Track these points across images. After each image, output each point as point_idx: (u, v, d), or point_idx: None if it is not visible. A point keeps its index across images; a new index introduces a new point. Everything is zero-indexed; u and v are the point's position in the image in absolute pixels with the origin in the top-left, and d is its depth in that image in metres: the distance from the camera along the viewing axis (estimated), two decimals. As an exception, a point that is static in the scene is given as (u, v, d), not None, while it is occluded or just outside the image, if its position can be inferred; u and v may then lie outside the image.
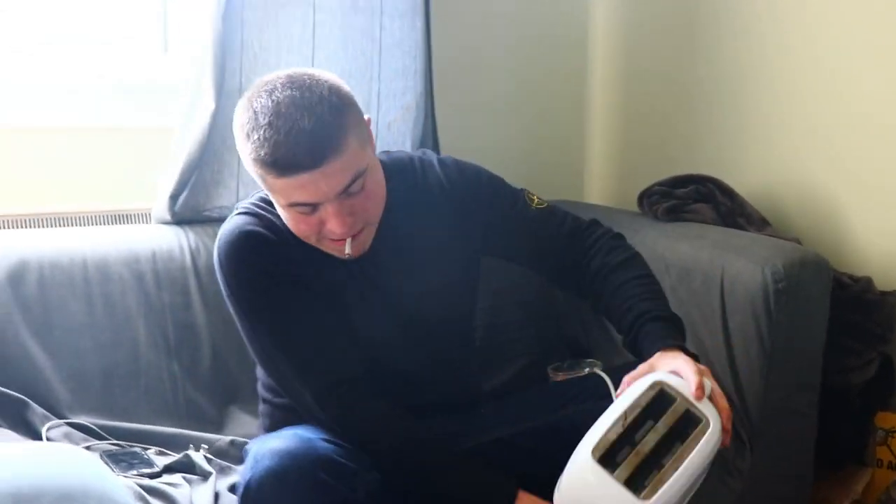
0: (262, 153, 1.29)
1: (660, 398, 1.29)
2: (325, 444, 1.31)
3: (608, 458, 1.25)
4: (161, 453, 1.68)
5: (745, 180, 2.21)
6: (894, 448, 2.00)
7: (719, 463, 1.78)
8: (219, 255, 1.44)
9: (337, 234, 1.36)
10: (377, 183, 1.41)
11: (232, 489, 1.53)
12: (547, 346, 2.13)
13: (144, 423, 1.72)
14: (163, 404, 1.76)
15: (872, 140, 2.07)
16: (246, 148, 1.33)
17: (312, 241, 1.40)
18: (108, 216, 2.03)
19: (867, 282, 2.00)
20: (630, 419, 1.27)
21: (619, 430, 1.26)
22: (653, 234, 2.03)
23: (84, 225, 1.98)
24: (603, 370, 1.50)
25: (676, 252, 1.94)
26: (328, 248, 1.41)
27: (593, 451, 1.26)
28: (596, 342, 2.11)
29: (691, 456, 1.26)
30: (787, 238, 2.01)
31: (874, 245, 2.09)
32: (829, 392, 1.94)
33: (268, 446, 1.29)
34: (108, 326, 1.76)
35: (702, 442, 1.27)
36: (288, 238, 1.42)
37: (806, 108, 2.18)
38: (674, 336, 1.42)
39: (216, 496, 1.52)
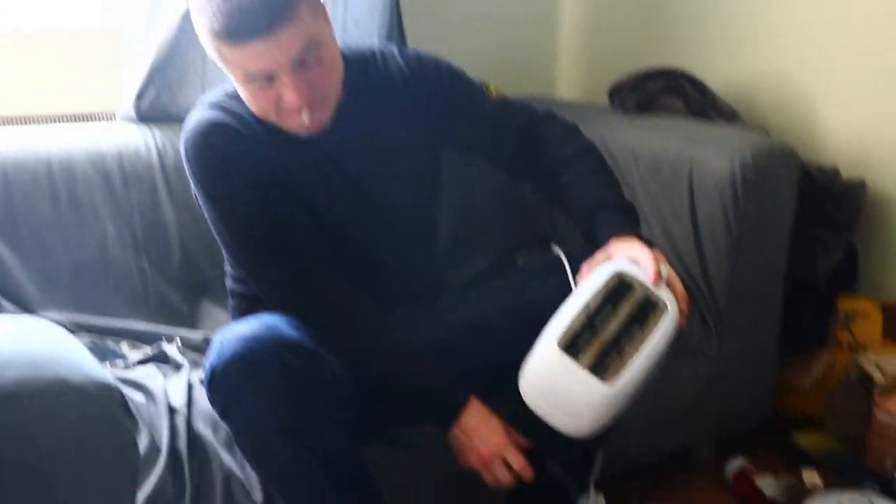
0: (216, 24, 1.29)
1: (619, 286, 1.32)
2: (290, 330, 1.32)
3: (572, 346, 1.28)
4: (134, 347, 1.69)
5: (715, 74, 2.22)
6: (854, 330, 2.06)
7: (686, 348, 1.83)
8: (185, 145, 1.43)
9: (294, 104, 1.35)
10: (333, 59, 1.41)
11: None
12: (517, 239, 2.14)
13: (116, 319, 1.72)
14: (133, 300, 1.77)
15: (840, 32, 2.07)
16: (202, 24, 1.32)
17: (272, 117, 1.40)
18: (72, 118, 2.00)
19: (834, 172, 2.02)
20: (592, 309, 1.30)
21: (583, 319, 1.29)
22: (623, 128, 2.03)
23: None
24: (564, 252, 1.51)
25: (646, 144, 1.95)
26: (288, 124, 1.41)
27: (558, 342, 1.29)
28: (566, 234, 2.12)
29: (651, 339, 1.30)
30: (756, 130, 2.02)
31: (841, 136, 2.11)
32: (795, 279, 1.99)
33: (233, 332, 1.30)
34: (75, 224, 1.75)
35: (661, 325, 1.31)
36: (252, 126, 1.42)
37: (776, 1, 2.17)
38: (629, 224, 1.45)
39: (189, 387, 1.53)
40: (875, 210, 2.08)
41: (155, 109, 1.91)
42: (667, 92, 2.11)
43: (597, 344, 1.28)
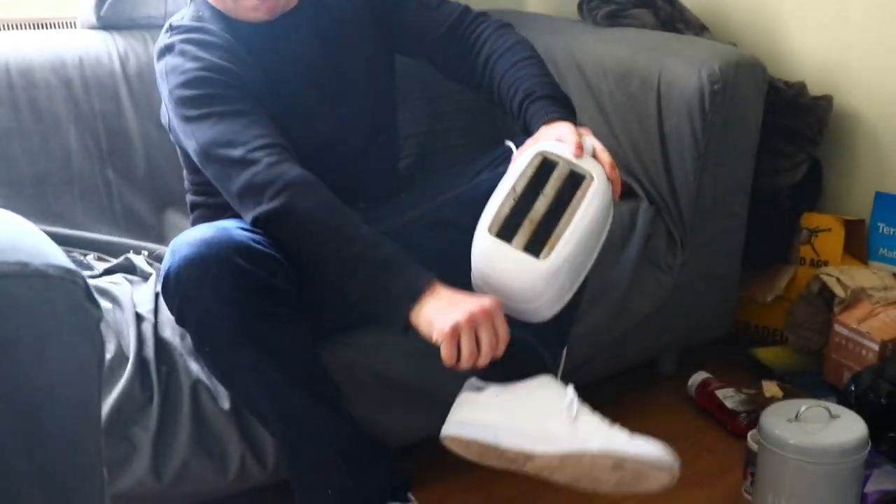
0: None
1: (544, 166, 1.32)
2: (243, 232, 1.32)
3: (504, 230, 1.29)
4: (100, 259, 1.68)
5: (684, -14, 2.20)
6: (817, 246, 2.08)
7: (652, 261, 1.85)
8: (158, 64, 1.47)
9: None
10: None
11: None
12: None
13: (82, 230, 1.71)
14: (99, 210, 1.75)
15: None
16: None
17: (229, 4, 1.45)
18: (32, 25, 1.95)
19: (800, 86, 2.03)
20: (519, 192, 1.30)
21: (511, 203, 1.29)
22: (591, 40, 2.02)
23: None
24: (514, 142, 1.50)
25: (614, 56, 1.94)
26: (243, 12, 1.46)
27: (489, 228, 1.29)
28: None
29: (580, 211, 1.29)
30: (725, 43, 2.01)
31: (809, 51, 2.11)
32: (760, 193, 2.00)
33: (186, 237, 1.31)
34: (36, 132, 1.72)
35: (588, 195, 1.30)
36: (221, 36, 1.46)
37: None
38: (559, 111, 1.44)
39: (156, 295, 1.52)
40: (840, 126, 2.09)
41: (117, 16, 1.87)
42: (636, 4, 2.09)
43: (528, 224, 1.29)
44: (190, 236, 1.30)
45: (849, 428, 1.47)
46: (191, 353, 1.45)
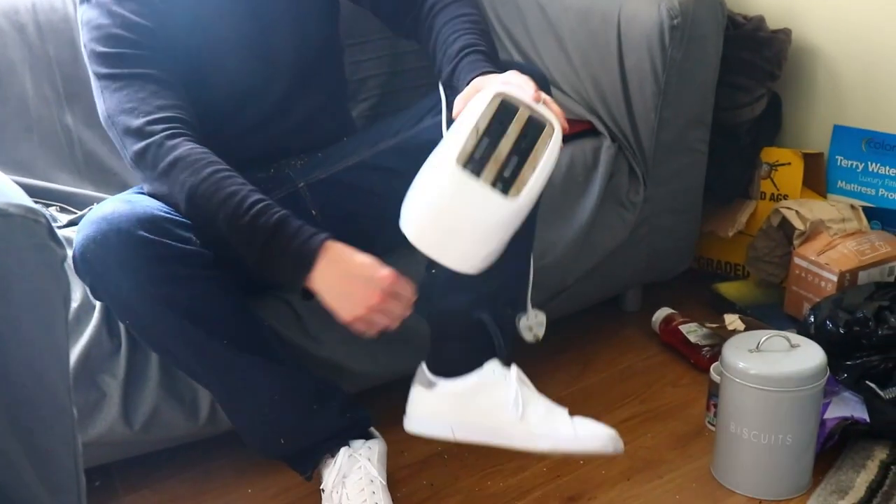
0: None
1: (503, 109, 1.28)
2: (148, 204, 1.31)
3: (470, 165, 1.25)
4: (63, 210, 1.66)
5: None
6: (776, 181, 2.11)
7: (615, 198, 1.86)
8: (77, 12, 1.44)
9: None
10: None
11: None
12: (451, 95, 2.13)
13: (43, 181, 1.69)
14: (60, 157, 1.72)
15: None
16: None
17: None
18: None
19: (759, 20, 2.03)
20: (481, 130, 1.26)
21: (475, 140, 1.25)
22: (552, -23, 2.00)
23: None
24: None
25: (575, -6, 1.93)
26: None
27: (457, 159, 1.24)
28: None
29: (545, 156, 1.28)
30: (684, -21, 2.01)
31: (768, -14, 2.12)
32: (720, 129, 2.02)
33: (91, 214, 1.30)
34: (-9, 80, 1.69)
35: (550, 143, 1.29)
36: None
37: None
38: (491, 67, 1.40)
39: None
40: (799, 59, 2.11)
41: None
42: (597, -58, 2.08)
43: (493, 163, 1.25)
44: (93, 213, 1.30)
45: (808, 356, 1.50)
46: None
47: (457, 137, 1.26)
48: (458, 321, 1.43)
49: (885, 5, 1.97)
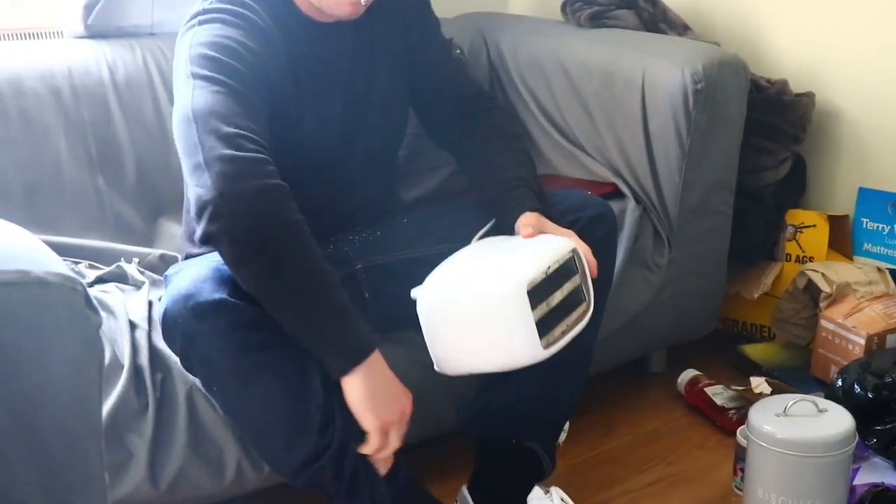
0: None
1: (569, 265, 1.33)
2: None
3: (530, 293, 1.25)
4: (92, 267, 1.69)
5: (667, -12, 2.22)
6: (802, 243, 2.11)
7: (640, 260, 1.87)
8: (187, 25, 1.39)
9: None
10: None
11: (163, 300, 1.55)
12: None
13: (73, 237, 1.72)
14: (90, 219, 1.75)
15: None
16: None
17: None
18: (18, 35, 1.96)
19: (783, 83, 2.05)
20: (550, 273, 1.28)
21: (542, 276, 1.27)
22: (576, 41, 2.03)
23: (-8, 44, 1.91)
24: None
25: (598, 57, 1.96)
26: (336, 6, 1.39)
27: (528, 283, 1.24)
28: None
29: (574, 329, 1.32)
30: (708, 43, 2.03)
31: (790, 48, 2.14)
32: (745, 191, 2.03)
33: (182, 278, 1.30)
34: (26, 142, 1.72)
35: (583, 321, 1.34)
36: (265, 19, 1.39)
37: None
38: (542, 203, 1.44)
39: (149, 304, 1.54)
40: (823, 122, 2.12)
41: (104, 25, 1.87)
42: (619, 5, 2.11)
43: (545, 306, 1.28)
44: (189, 275, 1.30)
45: (836, 421, 1.49)
46: (185, 360, 1.46)
47: (532, 262, 1.27)
48: (507, 446, 1.46)
49: (909, 69, 1.98)
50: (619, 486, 1.72)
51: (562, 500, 1.49)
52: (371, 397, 1.28)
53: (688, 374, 2.02)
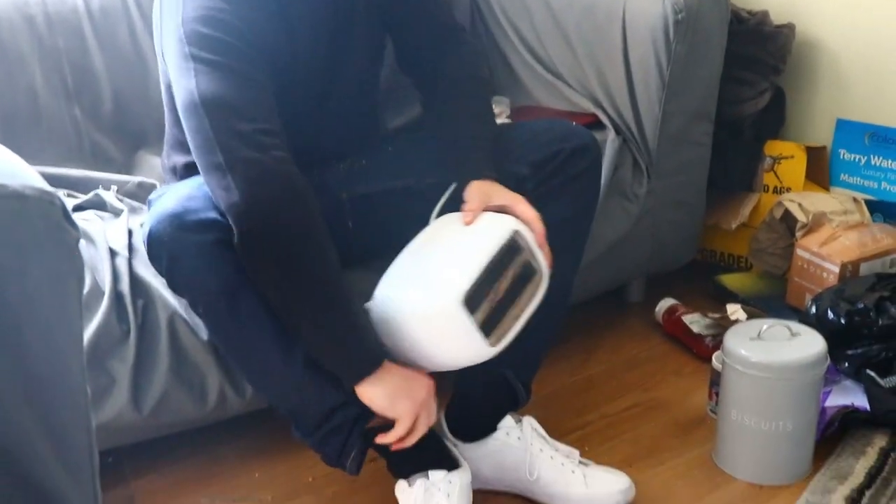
0: None
1: (512, 245, 1.32)
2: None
3: (470, 300, 1.26)
4: (70, 196, 1.68)
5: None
6: (780, 174, 2.12)
7: (619, 191, 1.88)
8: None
9: None
10: None
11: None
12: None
13: (53, 166, 1.71)
14: (67, 149, 1.75)
15: None
16: None
17: None
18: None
19: (763, 15, 2.05)
20: (489, 267, 1.28)
21: (480, 276, 1.27)
22: (557, -28, 2.02)
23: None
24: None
25: (580, -13, 1.94)
26: None
27: (463, 300, 1.25)
28: (503, 84, 2.13)
29: (529, 308, 1.33)
30: (688, -28, 2.02)
31: (772, -20, 2.13)
32: (724, 123, 2.03)
33: (168, 198, 1.31)
34: (1, 72, 1.70)
35: (538, 293, 1.34)
36: None
37: None
38: (491, 167, 1.44)
39: (129, 232, 1.54)
40: (802, 54, 2.12)
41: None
42: (601, -64, 2.09)
43: (488, 304, 1.29)
44: (167, 199, 1.30)
45: (808, 344, 1.52)
46: (167, 287, 1.47)
47: (468, 269, 1.28)
48: (482, 377, 1.48)
49: (889, 0, 1.98)
50: (597, 411, 1.75)
51: (533, 429, 1.51)
52: (390, 397, 1.32)
53: (665, 302, 2.05)
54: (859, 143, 2.08)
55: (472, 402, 1.53)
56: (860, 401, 1.64)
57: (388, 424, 1.36)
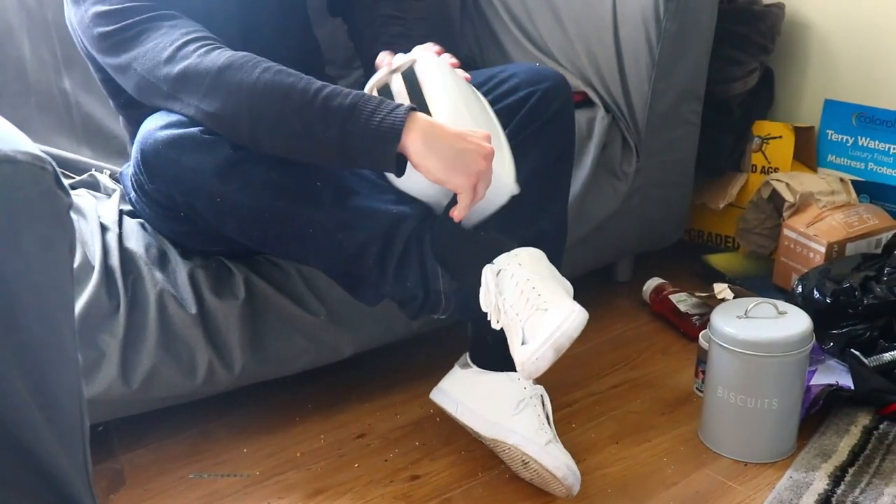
0: None
1: (385, 90, 1.38)
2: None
3: None
4: (65, 175, 1.68)
5: None
6: (768, 154, 2.13)
7: (608, 168, 1.89)
8: None
9: None
10: None
11: (132, 214, 1.55)
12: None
13: (42, 142, 1.70)
14: (57, 122, 1.73)
15: None
16: None
17: None
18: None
19: (754, -7, 2.05)
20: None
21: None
22: (548, -51, 2.02)
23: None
24: None
25: (571, -35, 1.94)
26: None
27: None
28: (493, 61, 2.13)
29: (428, 86, 1.35)
30: (680, -49, 2.02)
31: (762, -40, 2.13)
32: (713, 101, 2.04)
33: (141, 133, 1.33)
34: (-11, 43, 1.69)
35: (422, 71, 1.37)
36: None
37: None
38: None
39: (120, 214, 1.53)
40: (792, 34, 2.13)
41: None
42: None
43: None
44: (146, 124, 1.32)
45: (795, 322, 1.53)
46: (155, 263, 1.47)
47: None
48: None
49: (878, -20, 1.99)
50: (584, 389, 1.76)
51: (541, 396, 1.47)
52: (445, 161, 1.24)
53: (653, 282, 2.06)
54: (847, 123, 2.09)
55: (489, 339, 1.45)
56: (845, 380, 1.65)
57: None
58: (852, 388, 1.63)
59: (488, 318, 1.32)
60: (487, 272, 1.31)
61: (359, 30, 1.59)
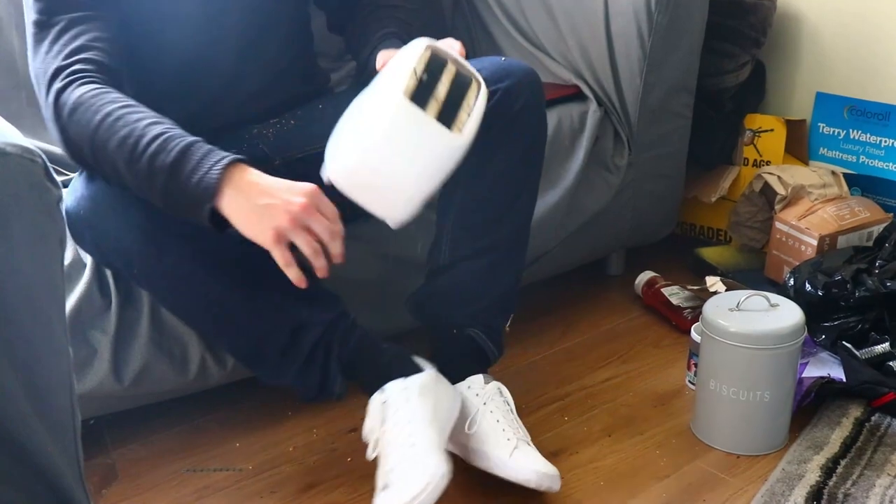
0: None
1: (434, 59, 1.27)
2: None
3: (414, 98, 1.21)
4: (57, 172, 1.67)
5: None
6: (759, 147, 2.14)
7: (600, 162, 1.89)
8: None
9: None
10: None
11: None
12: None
13: (32, 137, 1.69)
14: (47, 118, 1.73)
15: None
16: None
17: None
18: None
19: (745, -13, 2.05)
20: (420, 72, 1.23)
21: (415, 80, 1.22)
22: (539, -58, 2.01)
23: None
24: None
25: (562, -42, 1.94)
26: None
27: (404, 91, 1.19)
28: (485, 55, 2.12)
29: (477, 106, 1.27)
30: (671, -55, 2.02)
31: (754, -46, 2.13)
32: (704, 95, 2.04)
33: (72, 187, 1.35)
34: (-22, 38, 1.68)
35: (480, 96, 1.28)
36: None
37: None
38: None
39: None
40: (783, 27, 2.13)
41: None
42: None
43: (434, 101, 1.23)
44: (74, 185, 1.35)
45: (787, 315, 1.53)
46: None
47: (396, 77, 1.22)
48: (453, 335, 1.48)
49: (869, -27, 1.99)
50: (577, 382, 1.76)
51: (499, 390, 1.46)
52: (248, 218, 1.20)
53: (645, 275, 2.06)
54: (838, 116, 2.09)
55: (442, 362, 1.46)
56: (836, 372, 1.66)
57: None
58: (844, 380, 1.63)
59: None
60: (375, 401, 1.36)
61: (356, 38, 1.56)
